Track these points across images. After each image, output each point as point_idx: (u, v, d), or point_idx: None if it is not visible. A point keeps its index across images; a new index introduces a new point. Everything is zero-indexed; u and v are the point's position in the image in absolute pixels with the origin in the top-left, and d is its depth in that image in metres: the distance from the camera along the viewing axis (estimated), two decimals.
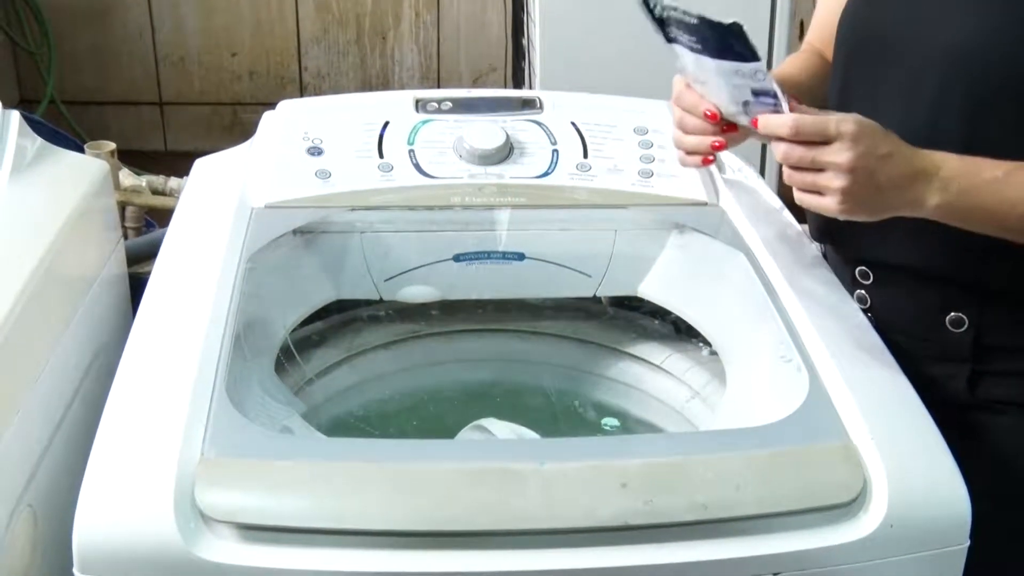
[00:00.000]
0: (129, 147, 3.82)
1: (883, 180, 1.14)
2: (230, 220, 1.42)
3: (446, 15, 4.41)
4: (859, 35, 1.39)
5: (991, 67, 1.24)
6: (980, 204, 1.17)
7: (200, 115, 4.52)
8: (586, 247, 1.49)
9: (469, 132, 1.51)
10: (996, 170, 1.17)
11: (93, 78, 4.40)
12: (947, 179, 1.15)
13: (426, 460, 1.03)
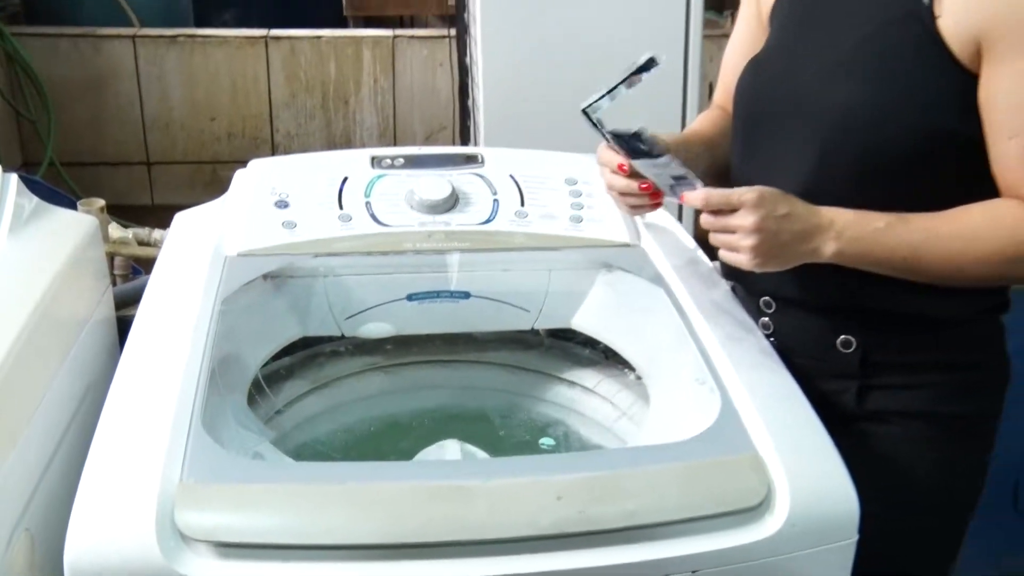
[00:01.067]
0: (120, 202, 3.85)
1: (785, 237, 1.19)
2: (206, 267, 1.43)
3: (401, 81, 4.44)
4: (752, 101, 1.42)
5: (864, 132, 1.27)
6: (868, 251, 1.22)
7: (183, 173, 4.53)
8: (524, 285, 1.50)
9: (419, 185, 1.52)
10: (879, 221, 1.21)
11: (88, 142, 4.42)
12: (839, 231, 1.20)
13: (385, 480, 1.05)
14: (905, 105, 1.25)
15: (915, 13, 1.23)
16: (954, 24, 1.22)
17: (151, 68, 4.42)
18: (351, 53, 4.45)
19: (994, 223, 1.21)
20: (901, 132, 1.25)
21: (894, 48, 1.26)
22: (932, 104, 1.25)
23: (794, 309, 1.39)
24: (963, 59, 1.22)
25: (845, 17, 1.32)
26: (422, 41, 4.50)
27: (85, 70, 4.39)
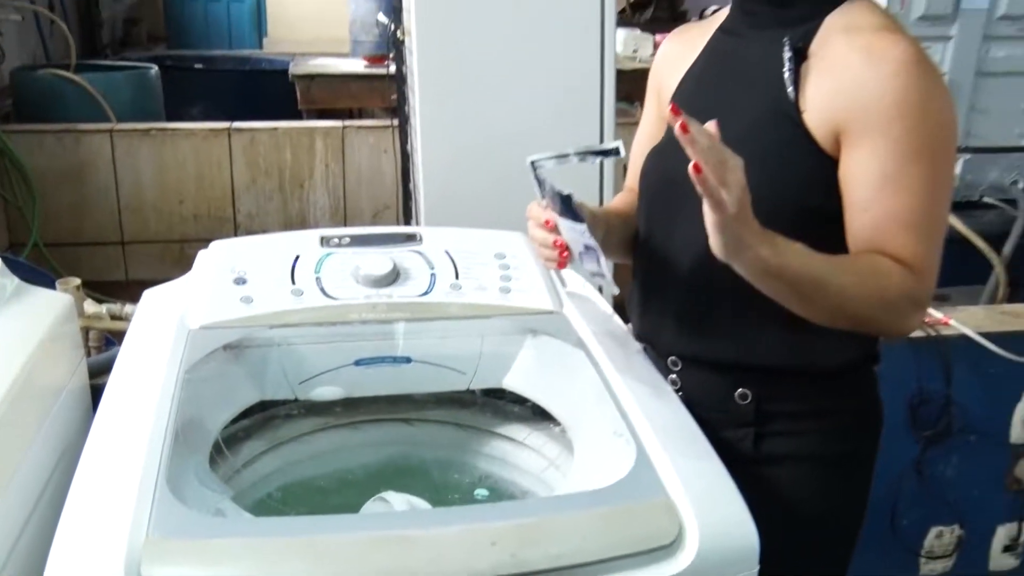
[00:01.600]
0: (97, 279, 3.86)
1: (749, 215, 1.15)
2: (171, 339, 1.41)
3: (350, 166, 4.47)
4: (653, 185, 1.45)
5: None
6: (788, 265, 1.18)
7: (154, 251, 4.54)
8: (460, 350, 1.50)
9: (364, 262, 1.52)
10: (797, 244, 1.19)
11: (69, 225, 4.43)
12: (772, 241, 1.16)
13: (336, 532, 1.03)
14: (780, 186, 1.28)
15: (785, 109, 1.28)
16: (816, 118, 1.26)
17: (126, 158, 4.44)
18: (305, 142, 4.48)
19: (876, 268, 1.23)
20: (777, 209, 1.27)
21: (769, 138, 1.29)
22: (802, 185, 1.28)
23: (697, 367, 1.40)
24: (825, 146, 1.26)
25: (728, 112, 1.34)
26: (368, 131, 4.53)
27: (67, 161, 4.41)
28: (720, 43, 1.43)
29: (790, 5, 1.32)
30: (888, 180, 1.22)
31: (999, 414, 2.64)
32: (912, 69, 1.21)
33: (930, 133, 1.22)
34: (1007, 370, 2.55)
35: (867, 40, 1.24)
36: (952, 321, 2.55)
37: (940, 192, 1.25)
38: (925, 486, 2.59)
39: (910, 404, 2.51)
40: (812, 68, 1.28)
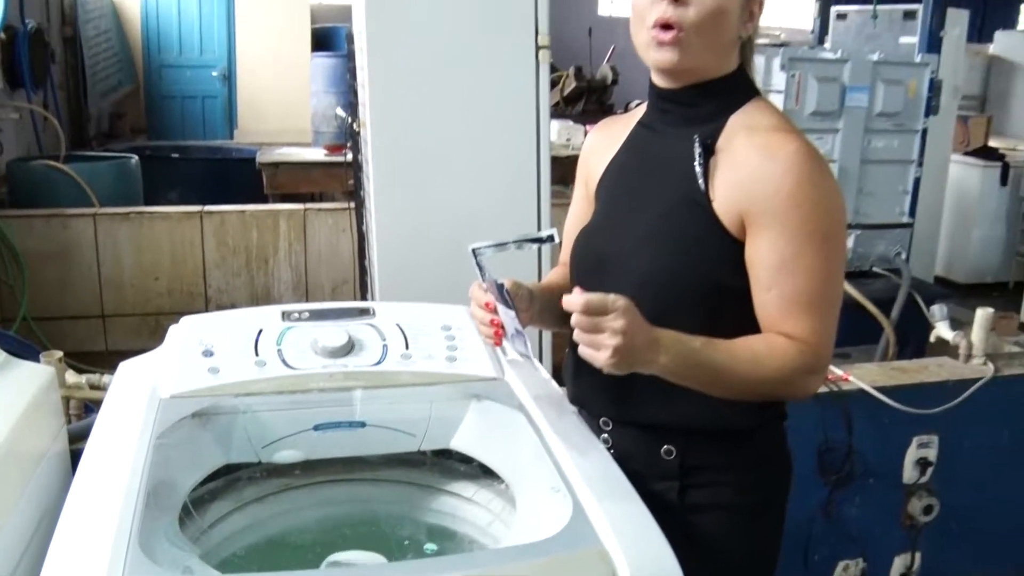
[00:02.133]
0: (80, 349, 3.80)
1: (639, 343, 1.17)
2: (144, 408, 1.38)
3: (311, 245, 4.47)
4: (582, 263, 1.46)
5: (662, 287, 1.31)
6: (687, 366, 1.22)
7: (132, 324, 4.46)
8: (411, 414, 1.48)
9: (321, 334, 1.49)
10: (696, 343, 1.22)
11: (55, 300, 4.36)
12: (668, 347, 1.20)
13: None
14: (691, 267, 1.30)
15: (696, 198, 1.29)
16: (723, 206, 1.28)
17: (107, 239, 4.40)
18: (270, 223, 4.47)
19: (772, 350, 1.24)
20: (689, 287, 1.30)
21: (683, 224, 1.31)
22: (711, 266, 1.30)
23: (627, 427, 1.40)
24: (732, 231, 1.28)
25: (646, 199, 1.36)
26: (328, 212, 4.53)
27: (54, 242, 4.35)
28: (639, 137, 1.45)
29: (698, 106, 1.34)
30: (786, 263, 1.24)
31: (893, 459, 2.66)
32: (804, 164, 1.23)
33: (822, 220, 1.24)
34: (899, 419, 2.58)
35: (764, 138, 1.27)
36: (851, 377, 2.58)
37: (833, 272, 1.27)
38: (832, 525, 2.59)
39: (818, 452, 2.53)
40: (719, 162, 1.29)
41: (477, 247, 1.27)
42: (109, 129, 8.77)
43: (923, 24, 5.62)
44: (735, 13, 1.28)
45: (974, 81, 9.43)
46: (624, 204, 1.41)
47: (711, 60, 1.31)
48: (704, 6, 1.25)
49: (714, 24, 1.26)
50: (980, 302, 3.26)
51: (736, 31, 1.31)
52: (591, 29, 9.24)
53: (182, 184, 6.18)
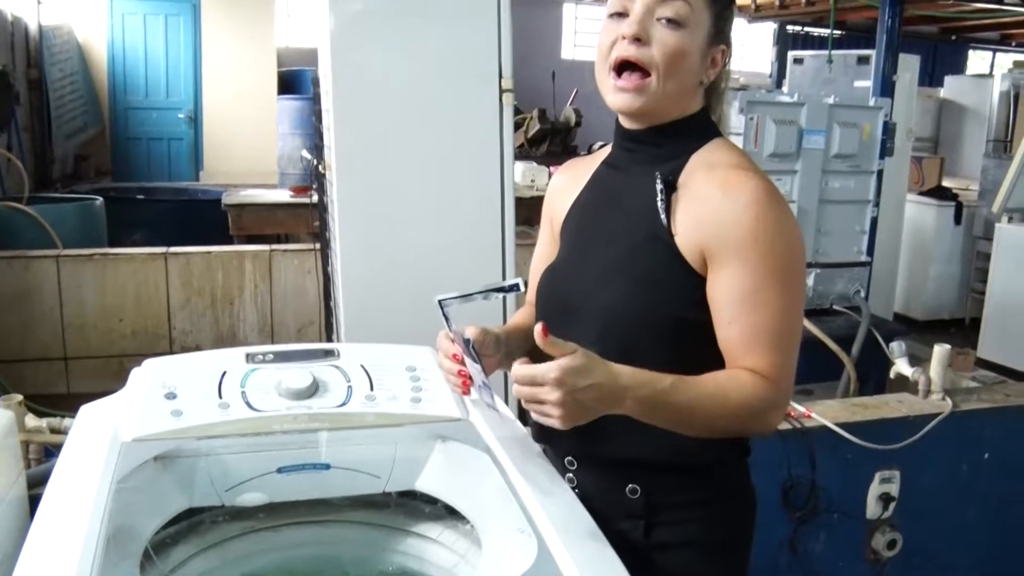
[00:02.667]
0: (41, 392, 3.75)
1: (588, 402, 1.16)
2: (105, 452, 1.34)
3: (276, 286, 4.44)
4: (548, 298, 1.46)
5: (627, 321, 1.31)
6: (655, 407, 1.21)
7: (95, 366, 4.39)
8: (375, 456, 1.46)
9: (285, 376, 1.48)
10: (664, 382, 1.21)
11: (16, 343, 4.29)
12: (635, 392, 1.19)
13: None
14: (655, 302, 1.31)
15: (659, 234, 1.31)
16: (686, 241, 1.29)
17: (70, 280, 4.34)
18: (235, 264, 4.44)
19: (738, 386, 1.25)
20: (653, 321, 1.31)
21: (646, 259, 1.32)
22: (675, 300, 1.30)
23: (591, 466, 1.39)
24: (695, 266, 1.29)
25: (611, 236, 1.38)
26: (294, 253, 4.52)
27: (16, 284, 4.29)
28: (603, 175, 1.46)
29: (661, 145, 1.36)
30: (747, 297, 1.25)
31: (856, 494, 2.68)
32: (763, 201, 1.25)
33: (781, 256, 1.25)
34: (861, 455, 2.60)
35: (724, 176, 1.29)
36: (813, 414, 2.60)
37: (793, 307, 1.28)
38: (797, 560, 2.59)
39: (782, 488, 2.53)
40: (681, 198, 1.31)
41: (443, 298, 1.27)
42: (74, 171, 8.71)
43: (876, 69, 5.75)
44: (696, 57, 1.31)
45: (926, 124, 9.64)
46: (588, 241, 1.42)
47: (672, 102, 1.33)
48: (666, 47, 1.27)
49: (676, 66, 1.28)
50: (938, 338, 3.32)
51: (697, 75, 1.33)
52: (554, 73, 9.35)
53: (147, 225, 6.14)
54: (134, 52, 9.57)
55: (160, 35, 9.64)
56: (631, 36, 1.28)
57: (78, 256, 4.39)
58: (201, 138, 9.79)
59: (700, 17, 1.29)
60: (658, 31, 1.28)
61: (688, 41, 1.28)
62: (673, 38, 1.27)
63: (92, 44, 9.40)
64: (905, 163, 6.08)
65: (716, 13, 1.31)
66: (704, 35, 1.30)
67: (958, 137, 9.81)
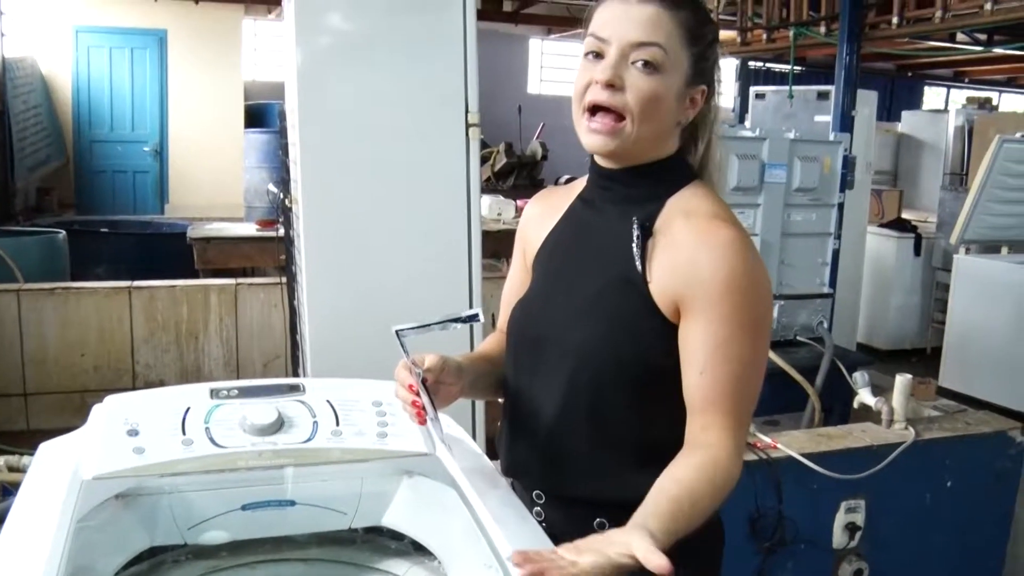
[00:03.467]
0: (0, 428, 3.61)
1: None
2: (64, 490, 1.31)
3: (242, 319, 4.41)
4: (520, 332, 1.45)
5: (597, 361, 1.31)
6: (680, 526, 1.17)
7: (55, 401, 4.32)
8: (341, 492, 1.44)
9: (250, 412, 1.45)
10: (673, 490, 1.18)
11: None
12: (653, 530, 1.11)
13: None
14: (625, 345, 1.30)
15: (633, 279, 1.30)
16: (659, 288, 1.28)
17: (31, 315, 4.27)
18: (200, 298, 4.40)
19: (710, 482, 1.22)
20: (622, 364, 1.30)
21: (618, 303, 1.31)
22: (644, 345, 1.30)
23: (559, 500, 1.38)
24: (667, 313, 1.28)
25: (583, 275, 1.37)
26: (259, 287, 4.49)
27: None
28: (578, 211, 1.45)
29: (637, 186, 1.35)
30: (719, 349, 1.25)
31: (823, 524, 2.69)
32: (739, 253, 1.25)
33: (753, 308, 1.26)
34: (826, 485, 2.61)
35: (702, 225, 1.28)
36: (779, 445, 2.61)
37: (761, 359, 1.29)
38: None
39: (749, 520, 2.53)
40: (657, 244, 1.30)
41: (400, 329, 1.26)
42: (36, 204, 8.63)
43: (836, 104, 5.86)
44: (672, 100, 1.29)
45: (885, 157, 9.82)
46: (561, 278, 1.41)
47: (648, 145, 1.31)
48: (640, 92, 1.26)
49: (650, 111, 1.27)
50: (900, 367, 3.35)
51: (674, 117, 1.31)
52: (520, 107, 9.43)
53: (111, 259, 6.08)
54: (99, 85, 9.53)
55: (126, 68, 9.62)
56: (604, 82, 1.26)
57: (39, 290, 4.33)
58: (167, 171, 9.75)
59: (677, 60, 1.27)
60: (632, 75, 1.26)
61: (664, 85, 1.27)
62: (648, 83, 1.26)
63: (57, 77, 9.35)
64: (865, 196, 6.18)
65: (696, 54, 1.29)
66: (682, 77, 1.29)
67: (916, 170, 9.99)
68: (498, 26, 11.06)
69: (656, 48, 1.26)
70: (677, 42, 1.27)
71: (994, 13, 5.55)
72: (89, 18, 9.32)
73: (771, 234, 3.41)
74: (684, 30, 1.28)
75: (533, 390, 1.39)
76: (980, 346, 5.65)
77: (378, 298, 2.62)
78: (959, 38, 8.53)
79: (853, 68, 6.00)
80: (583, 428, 1.28)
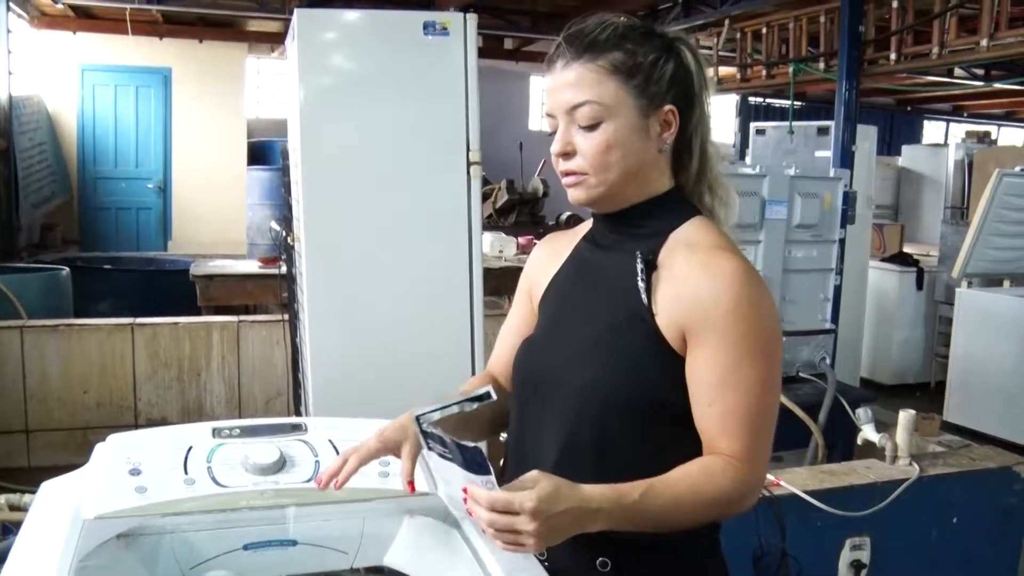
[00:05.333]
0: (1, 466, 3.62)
1: (563, 526, 1.15)
2: (65, 530, 1.30)
3: (244, 357, 4.41)
4: (525, 372, 1.45)
5: (605, 400, 1.31)
6: (629, 519, 1.21)
7: (57, 438, 4.31)
8: (343, 531, 1.44)
9: (252, 451, 1.46)
10: (635, 493, 1.20)
11: None
12: (607, 511, 1.18)
13: None
14: (633, 381, 1.30)
15: (639, 313, 1.31)
16: (666, 321, 1.29)
17: (34, 351, 4.28)
18: (203, 335, 4.41)
19: (711, 476, 1.24)
20: (631, 400, 1.30)
21: (625, 339, 1.32)
22: (653, 380, 1.30)
23: None
24: (675, 346, 1.29)
25: (592, 313, 1.38)
26: (262, 324, 4.50)
27: None
28: (584, 251, 1.47)
29: (638, 225, 1.36)
30: (726, 377, 1.25)
31: (827, 562, 2.67)
32: (743, 281, 1.26)
33: (760, 337, 1.26)
34: (831, 522, 2.59)
35: (705, 256, 1.29)
36: (782, 482, 2.60)
37: (770, 387, 1.29)
38: None
39: (753, 558, 2.52)
40: (661, 277, 1.31)
41: (421, 414, 1.25)
42: (40, 240, 8.66)
43: (836, 139, 5.90)
44: (630, 139, 1.30)
45: (886, 191, 9.86)
46: (568, 317, 1.42)
47: (624, 187, 1.33)
48: (589, 151, 1.29)
49: (606, 162, 1.29)
50: (904, 402, 3.35)
51: (646, 150, 1.32)
52: (522, 144, 9.47)
53: (114, 296, 6.09)
54: (104, 122, 9.62)
55: (131, 105, 9.72)
56: (557, 154, 1.32)
57: (43, 327, 4.34)
58: (170, 208, 9.80)
59: (618, 102, 1.28)
60: (578, 138, 1.30)
61: (611, 133, 1.28)
62: (593, 140, 1.29)
63: (62, 114, 9.44)
64: (866, 230, 6.20)
65: (638, 84, 1.29)
66: (632, 113, 1.29)
67: (917, 204, 10.04)
68: (499, 63, 11.15)
69: (588, 105, 1.28)
70: (610, 88, 1.28)
71: (990, 49, 5.60)
72: (95, 57, 9.43)
73: (772, 270, 3.42)
74: (612, 72, 1.29)
75: (538, 429, 1.39)
76: (984, 380, 5.64)
77: (380, 336, 2.63)
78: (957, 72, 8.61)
79: (852, 104, 6.05)
80: (587, 465, 1.28)
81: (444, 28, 2.69)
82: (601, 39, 1.30)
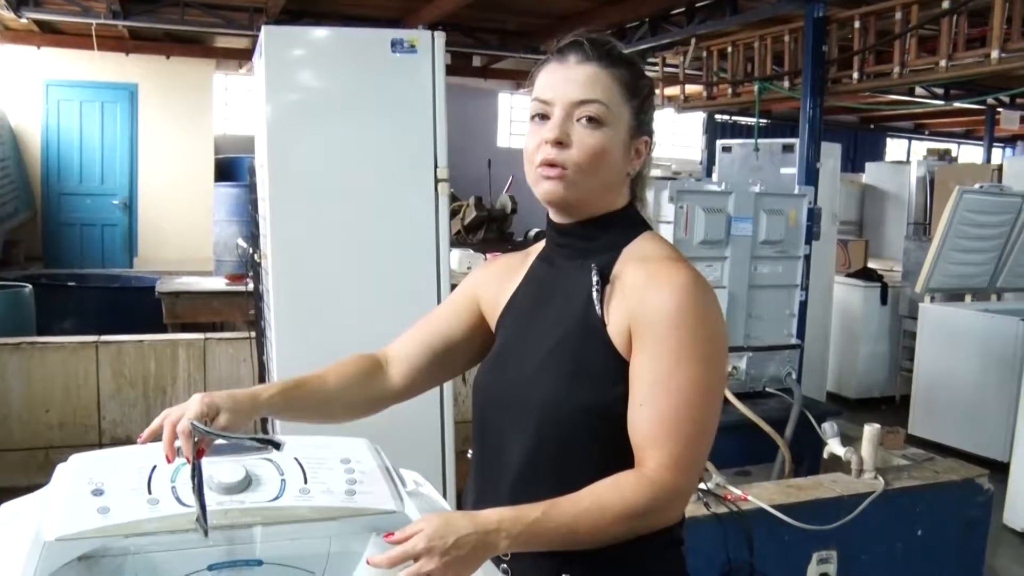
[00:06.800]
0: None
1: (464, 554, 1.16)
2: (25, 552, 1.28)
3: (211, 374, 4.38)
4: (486, 392, 1.46)
5: (565, 414, 1.32)
6: (534, 537, 1.21)
7: (18, 458, 4.24)
8: (309, 550, 1.41)
9: (217, 470, 1.44)
10: (536, 512, 1.21)
11: None
12: (507, 531, 1.19)
13: None
14: (591, 395, 1.31)
15: (593, 323, 1.33)
16: (616, 331, 1.31)
17: None
18: (169, 353, 4.37)
19: (620, 492, 1.24)
20: (589, 414, 1.31)
21: (580, 350, 1.33)
22: (608, 391, 1.31)
23: (525, 555, 1.35)
24: (624, 355, 1.30)
25: (546, 329, 1.39)
26: (228, 342, 4.47)
27: None
28: (538, 270, 1.48)
29: (593, 239, 1.39)
30: (662, 381, 1.26)
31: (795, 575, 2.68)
32: (688, 289, 1.28)
33: (699, 344, 1.27)
34: (798, 536, 2.61)
35: (654, 267, 1.32)
36: (750, 497, 2.61)
37: (707, 395, 1.28)
38: None
39: (721, 572, 2.53)
40: (615, 290, 1.33)
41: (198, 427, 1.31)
42: (3, 257, 8.55)
43: (800, 156, 5.97)
44: (618, 153, 1.34)
45: (850, 208, 9.98)
46: (524, 336, 1.43)
47: (597, 196, 1.36)
48: (586, 147, 1.31)
49: (597, 163, 1.32)
50: (870, 416, 3.38)
51: (622, 169, 1.36)
52: (490, 160, 9.50)
53: (78, 313, 6.02)
54: (69, 137, 9.52)
55: (96, 121, 9.63)
56: (552, 140, 1.31)
57: (4, 344, 4.28)
58: (136, 224, 9.71)
59: (620, 113, 1.33)
60: (578, 131, 1.31)
61: (608, 138, 1.32)
62: (593, 137, 1.31)
63: (26, 129, 9.33)
64: (831, 246, 6.27)
65: (636, 107, 1.35)
66: (625, 130, 1.34)
67: (880, 220, 10.17)
68: (468, 81, 11.19)
69: (598, 104, 1.31)
70: (617, 97, 1.33)
71: (948, 69, 5.71)
72: (60, 72, 9.34)
73: (738, 287, 3.45)
74: (622, 85, 1.34)
75: (501, 447, 1.39)
76: (947, 393, 5.72)
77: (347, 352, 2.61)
78: (918, 92, 8.75)
79: (817, 121, 6.13)
80: (548, 482, 1.28)
81: (412, 46, 2.70)
82: (617, 53, 1.35)
